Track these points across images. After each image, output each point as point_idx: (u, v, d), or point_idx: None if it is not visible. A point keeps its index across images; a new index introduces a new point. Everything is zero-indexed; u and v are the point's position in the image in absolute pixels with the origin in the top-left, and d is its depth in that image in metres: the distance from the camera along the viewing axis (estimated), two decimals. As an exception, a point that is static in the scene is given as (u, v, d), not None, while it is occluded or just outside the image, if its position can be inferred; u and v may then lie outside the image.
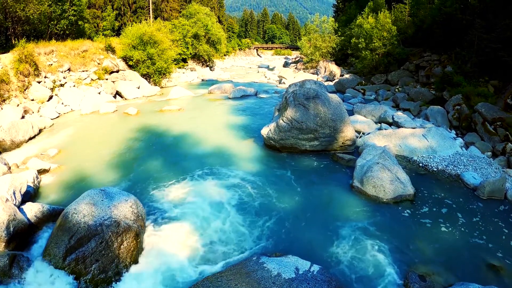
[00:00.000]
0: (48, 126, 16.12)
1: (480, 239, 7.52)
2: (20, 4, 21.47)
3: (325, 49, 40.25)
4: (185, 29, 40.85)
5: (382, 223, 8.06)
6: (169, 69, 31.00)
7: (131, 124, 16.77)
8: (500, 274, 6.50)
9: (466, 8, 19.90)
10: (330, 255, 6.93)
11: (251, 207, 8.78)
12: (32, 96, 18.46)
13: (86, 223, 6.37)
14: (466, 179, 10.17)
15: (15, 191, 8.00)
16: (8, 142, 12.97)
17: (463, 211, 8.64)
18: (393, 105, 19.99)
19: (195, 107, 21.11)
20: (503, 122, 12.36)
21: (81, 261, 6.07)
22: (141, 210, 7.42)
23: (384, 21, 27.99)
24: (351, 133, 12.50)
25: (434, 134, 12.57)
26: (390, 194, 9.11)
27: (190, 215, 8.25)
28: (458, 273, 6.46)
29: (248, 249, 7.15)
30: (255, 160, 11.99)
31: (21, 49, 19.04)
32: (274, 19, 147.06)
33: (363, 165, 10.05)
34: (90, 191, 7.18)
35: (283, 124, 12.28)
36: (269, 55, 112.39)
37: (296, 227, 7.92)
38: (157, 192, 9.49)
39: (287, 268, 5.92)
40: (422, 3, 29.44)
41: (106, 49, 27.90)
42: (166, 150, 13.02)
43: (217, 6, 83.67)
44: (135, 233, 6.73)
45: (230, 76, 41.22)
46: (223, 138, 14.34)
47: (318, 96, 12.50)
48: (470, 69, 17.18)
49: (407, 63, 26.25)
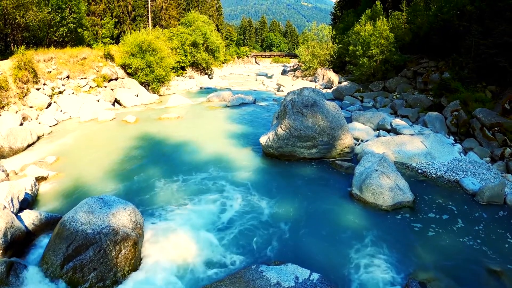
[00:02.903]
0: (47, 133, 16.10)
1: (480, 245, 7.49)
2: (20, 11, 21.52)
3: (323, 56, 40.44)
4: (183, 37, 41.06)
5: (381, 230, 8.02)
6: (168, 77, 31.10)
7: (129, 132, 16.75)
8: (501, 279, 6.46)
9: (462, 14, 20.07)
10: (329, 263, 6.88)
11: (250, 215, 8.74)
12: (31, 103, 18.46)
13: (84, 231, 6.33)
14: (465, 184, 10.18)
15: (13, 198, 7.97)
16: (7, 149, 12.97)
17: (462, 217, 8.62)
18: (391, 112, 20.05)
19: (194, 115, 21.12)
20: (501, 127, 12.41)
21: (79, 269, 6.01)
22: (139, 219, 7.37)
23: (382, 28, 28.21)
24: (349, 140, 12.51)
25: (433, 140, 12.59)
26: (389, 201, 9.08)
27: (188, 224, 8.21)
28: (459, 279, 6.42)
29: (247, 257, 7.10)
30: (253, 168, 11.97)
31: (20, 56, 19.07)
32: (272, 27, 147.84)
33: (362, 173, 10.04)
34: (88, 199, 7.15)
35: (281, 132, 12.28)
36: (267, 63, 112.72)
37: (295, 235, 7.88)
38: (155, 200, 9.45)
39: (286, 277, 5.87)
40: (419, 10, 29.73)
41: (105, 57, 27.97)
42: (164, 158, 12.99)
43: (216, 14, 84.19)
44: (133, 242, 6.68)
45: (228, 84, 41.31)
46: (221, 146, 14.32)
47: (316, 104, 12.53)
48: (468, 75, 17.28)
49: (405, 70, 26.42)
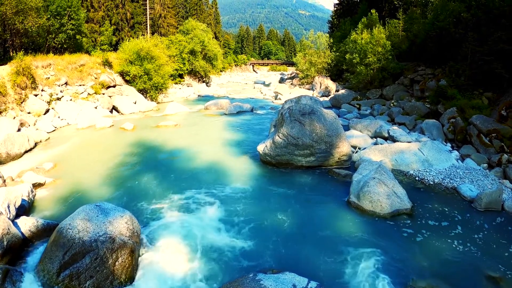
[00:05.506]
0: (44, 139, 16.04)
1: (478, 251, 7.49)
2: (19, 17, 21.59)
3: (320, 64, 40.64)
4: (182, 45, 41.23)
5: (379, 238, 8.00)
6: (166, 85, 31.15)
7: (127, 139, 16.73)
8: (500, 285, 6.47)
9: (459, 22, 20.28)
10: (327, 272, 6.84)
11: (247, 223, 8.70)
12: (29, 109, 18.43)
13: (80, 238, 6.29)
14: (462, 191, 10.20)
15: (9, 205, 7.91)
16: (4, 155, 12.91)
17: (460, 224, 8.62)
18: (389, 119, 20.17)
19: (192, 123, 21.13)
20: (498, 134, 12.48)
21: (75, 277, 5.96)
22: (136, 226, 7.33)
23: (378, 36, 28.43)
24: (347, 148, 12.54)
25: (430, 147, 12.64)
26: (387, 208, 9.07)
27: (185, 232, 8.15)
28: (458, 286, 6.40)
29: (244, 266, 7.05)
30: (251, 176, 11.94)
31: (19, 62, 19.08)
32: (269, 35, 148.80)
33: (359, 180, 10.04)
34: (85, 207, 7.10)
35: (279, 140, 12.29)
36: (265, 71, 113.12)
37: (293, 243, 7.83)
38: (152, 208, 9.40)
39: (284, 285, 5.82)
40: (416, 18, 29.98)
41: (104, 64, 28.04)
42: (162, 166, 12.96)
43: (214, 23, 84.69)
44: (130, 250, 6.63)
45: (226, 92, 41.38)
46: (219, 154, 14.30)
47: (314, 112, 12.57)
48: (464, 82, 17.40)
49: (402, 78, 26.60)
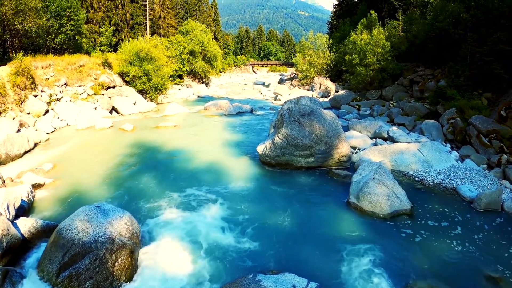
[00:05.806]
0: (44, 140, 16.04)
1: (478, 252, 7.50)
2: (18, 17, 21.58)
3: (320, 65, 40.64)
4: (181, 46, 41.27)
5: (379, 238, 8.00)
6: (165, 86, 31.19)
7: (126, 140, 16.72)
8: (500, 286, 6.47)
9: (458, 23, 20.30)
10: (327, 272, 6.84)
11: (247, 224, 8.70)
12: (28, 109, 18.42)
13: (80, 239, 6.28)
14: (462, 192, 10.21)
15: (9, 206, 7.91)
16: (3, 155, 12.90)
17: (460, 224, 8.63)
18: (388, 120, 20.18)
19: (191, 124, 21.13)
20: (497, 134, 12.48)
21: (75, 278, 5.95)
22: (136, 227, 7.32)
23: (378, 37, 28.43)
24: (346, 149, 12.54)
25: (429, 148, 12.65)
26: (386, 209, 9.08)
27: (185, 233, 8.15)
28: (457, 286, 6.41)
29: (244, 266, 7.04)
30: (251, 177, 11.94)
31: (19, 62, 19.07)
32: (269, 36, 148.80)
33: (359, 181, 10.04)
34: (84, 207, 7.09)
35: (278, 141, 12.29)
36: (264, 71, 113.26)
37: (293, 244, 7.83)
38: (152, 209, 9.39)
39: (284, 286, 5.82)
40: (415, 18, 30.00)
41: (103, 65, 28.02)
42: (161, 167, 12.96)
43: (213, 23, 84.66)
44: (130, 251, 6.63)
45: (225, 92, 41.39)
46: (219, 155, 14.30)
47: (313, 112, 12.57)
48: (464, 82, 17.40)
49: (401, 78, 26.62)
